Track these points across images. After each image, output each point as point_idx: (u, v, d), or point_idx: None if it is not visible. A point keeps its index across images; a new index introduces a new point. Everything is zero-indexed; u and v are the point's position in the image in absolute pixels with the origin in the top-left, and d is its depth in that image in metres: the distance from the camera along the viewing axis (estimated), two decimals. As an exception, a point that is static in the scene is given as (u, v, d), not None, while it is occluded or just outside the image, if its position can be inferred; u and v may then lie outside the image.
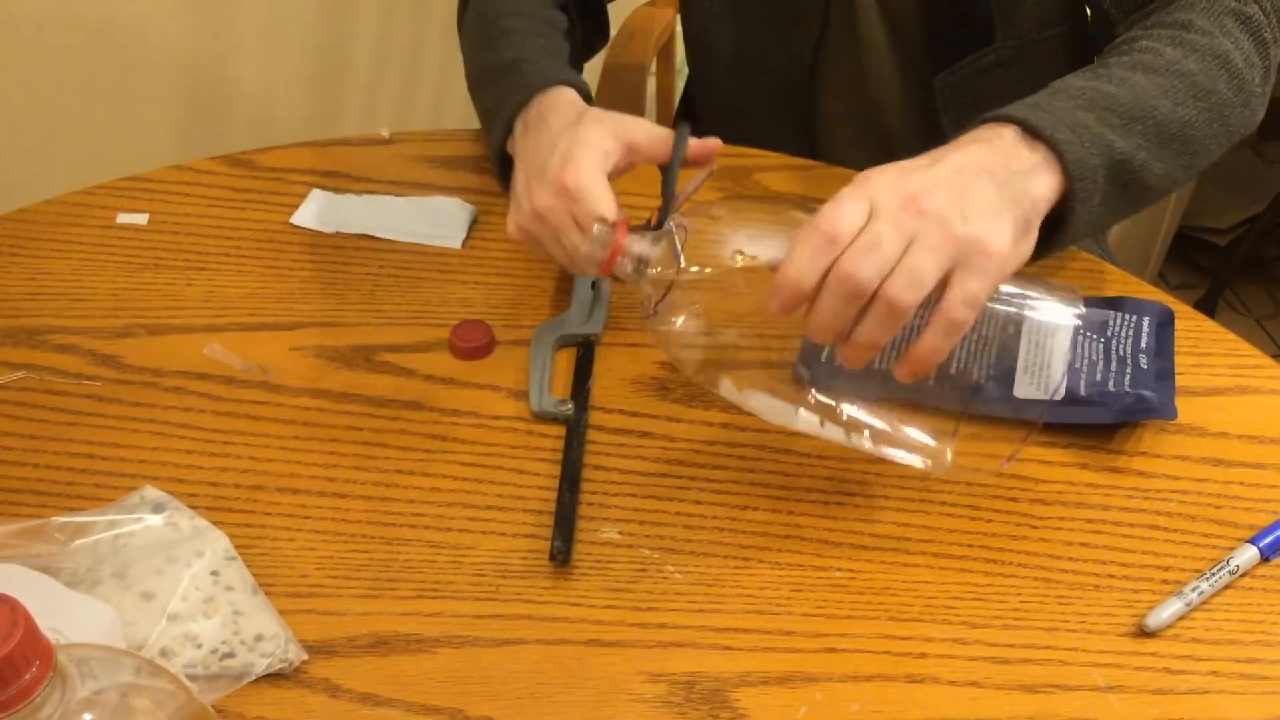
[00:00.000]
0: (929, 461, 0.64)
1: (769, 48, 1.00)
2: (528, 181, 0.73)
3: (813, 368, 0.66)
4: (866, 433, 0.64)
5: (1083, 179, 0.64)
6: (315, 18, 1.65)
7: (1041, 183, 0.63)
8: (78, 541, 0.62)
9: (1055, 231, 0.65)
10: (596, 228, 0.64)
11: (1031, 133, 0.64)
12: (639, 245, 0.64)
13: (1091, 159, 0.65)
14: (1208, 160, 0.75)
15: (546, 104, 0.76)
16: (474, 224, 0.88)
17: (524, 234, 0.74)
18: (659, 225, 0.65)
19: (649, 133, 0.72)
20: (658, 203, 0.67)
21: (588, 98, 0.78)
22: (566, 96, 0.77)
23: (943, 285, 0.57)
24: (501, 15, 0.87)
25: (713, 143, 0.73)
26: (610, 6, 1.03)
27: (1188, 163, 0.72)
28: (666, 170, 0.70)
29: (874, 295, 0.57)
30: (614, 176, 0.71)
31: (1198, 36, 0.74)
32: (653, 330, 0.65)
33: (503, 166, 0.80)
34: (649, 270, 0.64)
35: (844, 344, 0.59)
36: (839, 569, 0.64)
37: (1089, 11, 0.90)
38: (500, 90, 0.81)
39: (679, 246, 0.63)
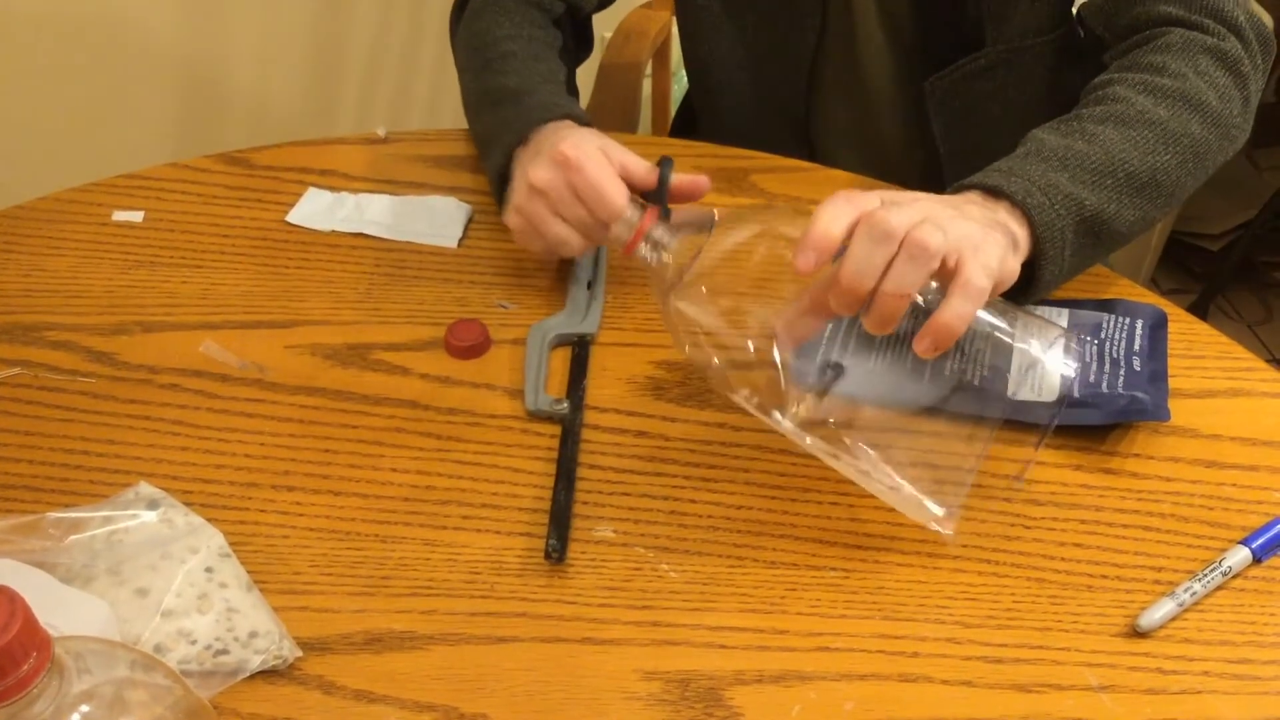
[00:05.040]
0: (938, 498, 0.64)
1: (767, 55, 1.00)
2: (525, 166, 0.75)
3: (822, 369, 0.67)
4: (876, 466, 0.64)
5: (1050, 239, 0.69)
6: (312, 17, 1.65)
7: (1015, 227, 0.68)
8: (72, 537, 0.62)
9: (1029, 283, 0.71)
10: (628, 211, 0.67)
11: (1005, 198, 0.69)
12: (664, 229, 0.66)
13: (1059, 220, 0.70)
14: (1186, 194, 0.79)
15: (545, 134, 0.78)
16: (470, 223, 0.88)
17: (520, 215, 0.75)
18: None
19: (638, 162, 0.75)
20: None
21: (584, 125, 0.80)
22: (565, 126, 0.79)
23: (954, 271, 0.60)
24: (499, 37, 0.88)
25: (701, 180, 0.75)
26: (607, 9, 1.03)
27: (1163, 203, 0.76)
28: (657, 199, 0.73)
29: (902, 241, 0.59)
30: None
31: (1169, 80, 0.77)
32: (670, 311, 0.64)
33: (501, 189, 0.81)
34: (667, 255, 0.65)
35: (871, 303, 0.60)
36: (833, 568, 0.65)
37: (1081, 31, 0.92)
38: (500, 119, 0.83)
39: (707, 232, 0.64)
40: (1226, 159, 0.80)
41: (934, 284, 0.61)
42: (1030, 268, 0.70)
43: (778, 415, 0.64)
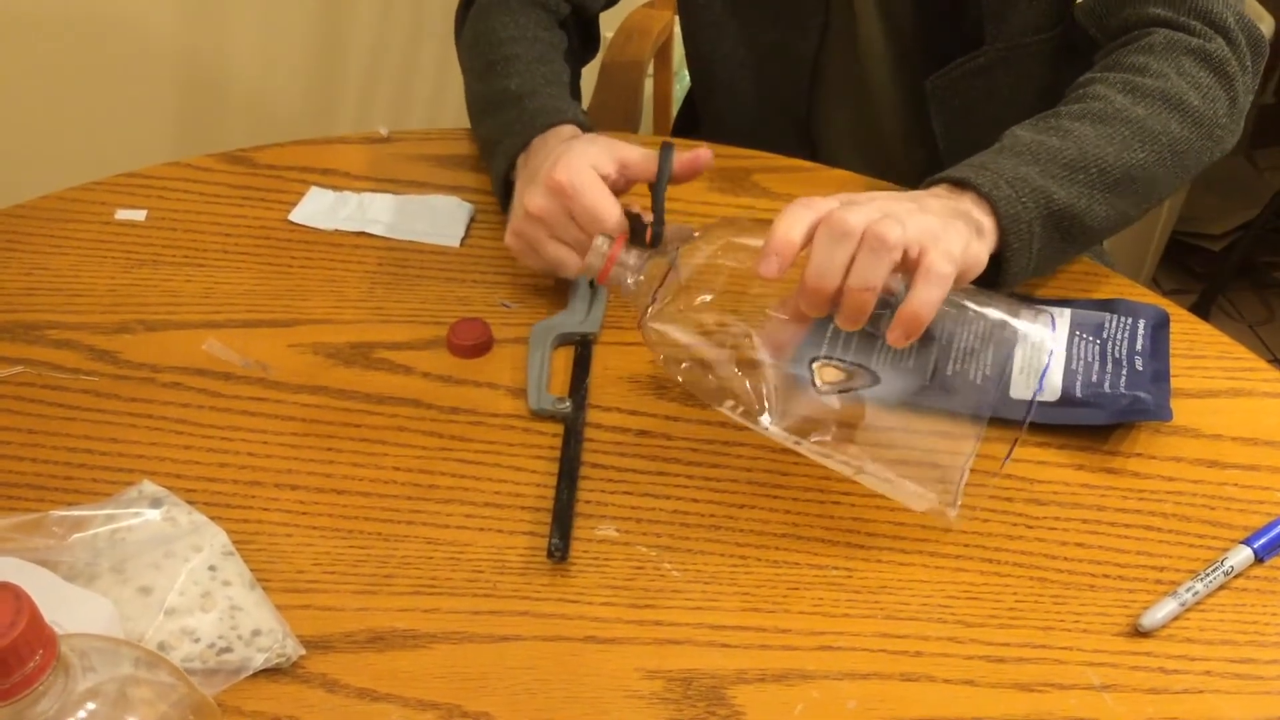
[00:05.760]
0: (924, 484, 0.64)
1: (769, 54, 1.00)
2: (522, 190, 0.76)
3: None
4: (867, 463, 0.65)
5: (1016, 231, 0.70)
6: (313, 15, 1.65)
7: (980, 216, 0.69)
8: (76, 535, 0.62)
9: (996, 276, 0.71)
10: (598, 239, 0.67)
11: (971, 189, 0.70)
12: (635, 255, 0.67)
13: (1026, 212, 0.70)
14: (1166, 193, 0.79)
15: (547, 139, 0.79)
16: (472, 222, 0.88)
17: (519, 239, 0.76)
18: (654, 241, 0.68)
19: (639, 152, 0.75)
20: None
21: (586, 130, 0.81)
22: (565, 132, 0.80)
23: (917, 261, 0.61)
24: (503, 39, 0.88)
25: (702, 154, 0.75)
26: (610, 9, 1.03)
27: (1138, 200, 0.77)
28: (655, 188, 0.73)
29: (862, 236, 0.60)
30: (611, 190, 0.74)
31: (1150, 80, 0.78)
32: (648, 333, 0.65)
33: (506, 195, 0.83)
34: (642, 277, 0.66)
35: (840, 303, 0.60)
36: (835, 567, 0.65)
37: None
38: (502, 122, 0.84)
39: (674, 252, 0.65)
40: (1213, 159, 0.80)
41: (900, 278, 0.61)
42: (999, 261, 0.71)
43: (765, 421, 0.64)
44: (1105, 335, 0.76)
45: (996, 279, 0.72)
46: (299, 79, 1.69)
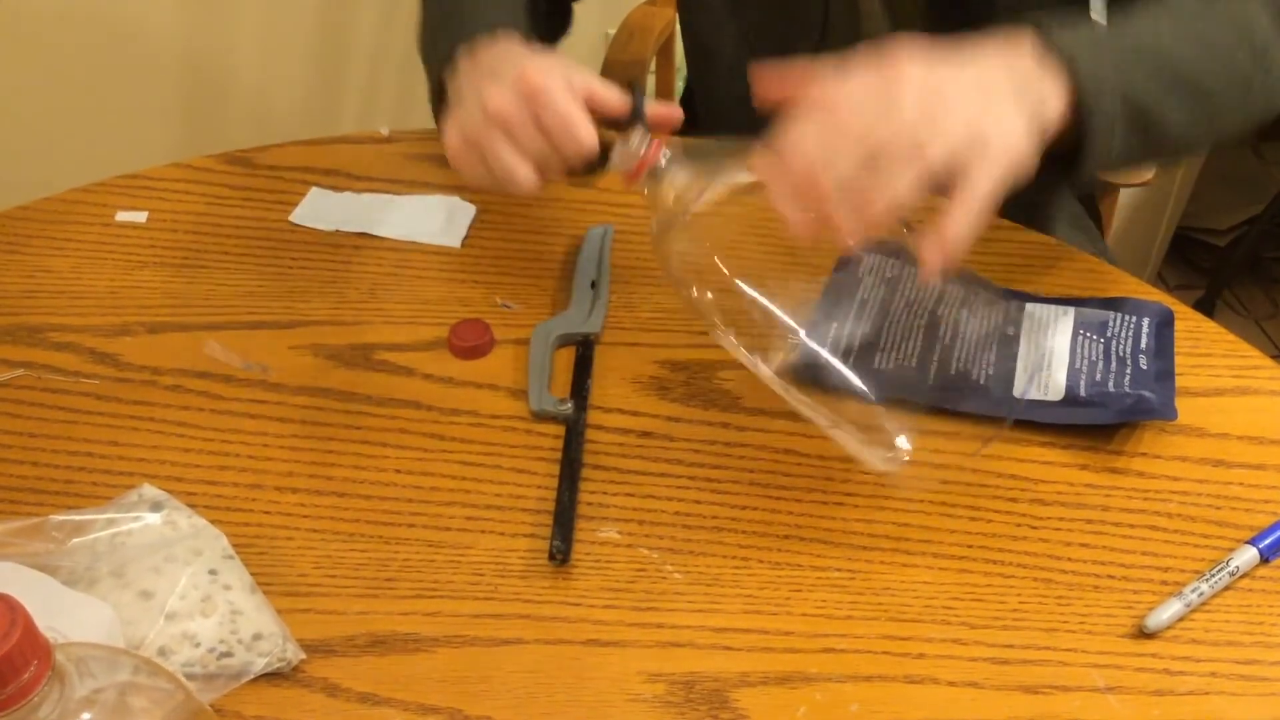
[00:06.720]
0: (883, 447, 0.63)
1: (771, 51, 1.00)
2: (478, 83, 0.68)
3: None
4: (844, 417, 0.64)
5: (1100, 109, 0.64)
6: (315, 15, 1.65)
7: (1054, 97, 0.63)
8: (76, 540, 0.62)
9: (1075, 162, 0.65)
10: (635, 136, 0.64)
11: (1052, 53, 0.64)
12: (673, 162, 0.64)
13: (1110, 78, 0.64)
14: (1224, 125, 0.73)
15: (494, 43, 0.73)
16: (473, 223, 0.88)
17: (466, 143, 0.68)
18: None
19: (608, 88, 0.69)
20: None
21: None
22: (517, 41, 0.73)
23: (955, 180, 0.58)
24: None
25: (676, 111, 0.72)
26: (611, 6, 1.03)
27: (1209, 116, 0.71)
28: (630, 124, 0.68)
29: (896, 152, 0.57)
30: None
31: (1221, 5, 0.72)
32: (666, 244, 0.64)
33: (440, 100, 0.76)
34: (670, 189, 0.64)
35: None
36: (838, 569, 0.64)
37: None
38: (444, 32, 0.77)
39: (713, 175, 0.63)
40: (1261, 110, 0.75)
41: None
42: (1079, 145, 0.65)
43: (759, 362, 0.63)
44: (1110, 334, 0.75)
45: (1075, 166, 0.66)
46: (300, 79, 1.69)
